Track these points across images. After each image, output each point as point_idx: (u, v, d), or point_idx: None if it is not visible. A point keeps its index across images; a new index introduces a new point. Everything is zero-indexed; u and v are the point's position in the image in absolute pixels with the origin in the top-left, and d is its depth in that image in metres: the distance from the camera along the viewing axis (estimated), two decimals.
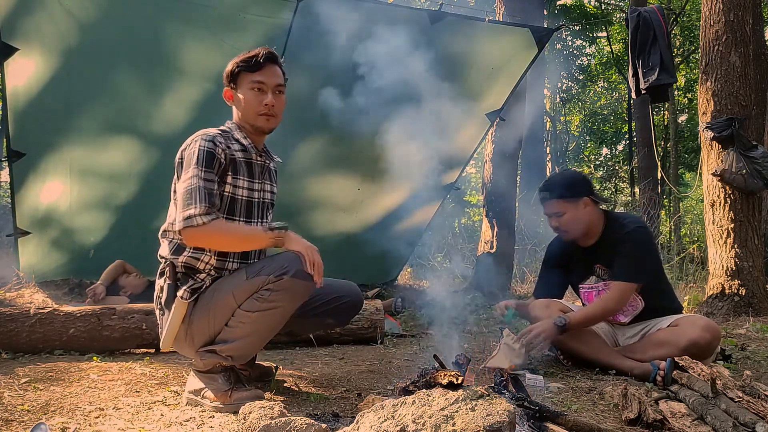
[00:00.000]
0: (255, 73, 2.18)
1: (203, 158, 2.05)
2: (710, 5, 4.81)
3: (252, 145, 2.22)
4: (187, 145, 2.13)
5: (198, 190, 2.01)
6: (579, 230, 2.88)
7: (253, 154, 2.22)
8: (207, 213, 1.99)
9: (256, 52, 2.20)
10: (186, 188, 2.03)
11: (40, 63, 3.80)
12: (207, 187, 2.03)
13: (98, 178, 4.58)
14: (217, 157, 2.08)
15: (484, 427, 1.45)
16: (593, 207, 2.87)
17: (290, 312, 2.09)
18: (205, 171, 2.04)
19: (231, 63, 2.22)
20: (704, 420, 1.91)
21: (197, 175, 2.03)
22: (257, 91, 2.18)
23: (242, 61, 2.19)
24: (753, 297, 4.56)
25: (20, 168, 4.30)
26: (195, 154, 2.06)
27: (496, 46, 4.59)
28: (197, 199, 2.00)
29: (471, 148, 5.51)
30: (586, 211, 2.85)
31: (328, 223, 5.62)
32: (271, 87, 2.19)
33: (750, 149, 4.58)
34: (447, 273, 8.14)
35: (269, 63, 2.20)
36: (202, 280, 2.11)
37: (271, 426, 1.61)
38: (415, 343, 3.63)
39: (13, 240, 4.72)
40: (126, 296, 4.22)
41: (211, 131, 2.15)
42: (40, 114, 4.07)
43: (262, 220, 2.25)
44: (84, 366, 2.71)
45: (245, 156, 2.20)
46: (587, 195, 2.85)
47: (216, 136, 2.13)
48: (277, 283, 2.00)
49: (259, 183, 2.24)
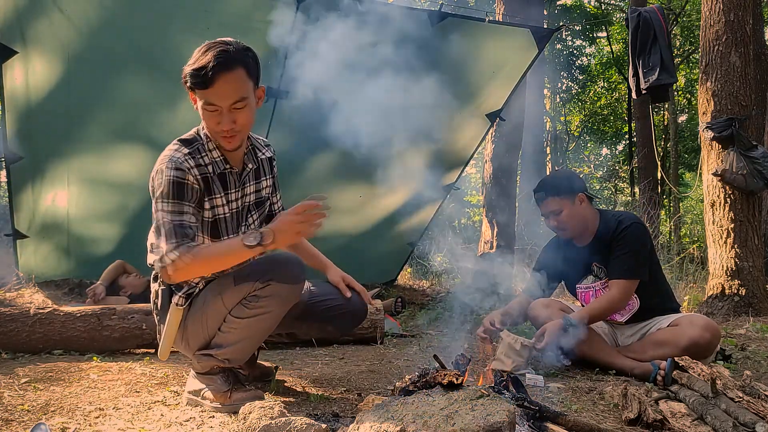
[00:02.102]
0: (205, 91, 1.85)
1: (170, 190, 1.89)
2: (710, 5, 4.81)
3: (222, 158, 2.02)
4: (155, 171, 1.95)
5: (164, 227, 1.88)
6: (577, 227, 2.89)
7: (223, 166, 2.03)
8: (175, 248, 1.85)
9: (204, 61, 1.82)
10: (155, 226, 1.93)
11: (40, 68, 3.79)
12: (174, 220, 1.88)
13: (100, 185, 4.57)
14: (188, 185, 1.92)
15: (484, 427, 1.45)
16: (588, 203, 2.90)
17: (280, 316, 2.07)
18: (172, 203, 1.90)
19: (185, 66, 1.89)
20: (704, 420, 1.91)
21: (163, 210, 1.90)
22: (211, 112, 1.90)
23: (190, 73, 1.85)
24: (753, 297, 4.56)
25: (20, 172, 4.28)
26: (162, 186, 1.90)
27: (496, 46, 4.59)
28: (164, 237, 1.87)
29: (471, 148, 5.51)
30: (582, 207, 2.87)
31: (332, 225, 5.64)
32: (225, 107, 1.88)
33: (750, 149, 4.59)
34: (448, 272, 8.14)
35: (221, 74, 1.82)
36: (196, 284, 2.08)
37: (271, 426, 1.61)
38: (415, 344, 3.63)
39: (12, 240, 4.72)
40: (126, 296, 4.22)
41: (178, 153, 1.94)
42: (40, 119, 4.05)
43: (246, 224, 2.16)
44: (84, 366, 2.71)
45: (215, 169, 2.01)
46: (582, 191, 2.88)
47: (184, 160, 1.92)
48: (264, 290, 1.97)
49: (235, 192, 2.08)
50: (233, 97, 1.88)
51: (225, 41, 1.90)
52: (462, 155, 5.53)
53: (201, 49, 1.88)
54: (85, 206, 4.63)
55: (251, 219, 2.19)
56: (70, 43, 3.72)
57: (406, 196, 5.58)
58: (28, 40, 3.65)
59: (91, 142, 4.29)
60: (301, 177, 5.06)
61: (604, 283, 2.86)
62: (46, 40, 3.68)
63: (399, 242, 6.13)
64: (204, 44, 1.91)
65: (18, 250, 4.77)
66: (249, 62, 1.91)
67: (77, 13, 3.62)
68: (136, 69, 3.99)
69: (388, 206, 5.63)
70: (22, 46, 3.65)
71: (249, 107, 1.93)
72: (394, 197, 5.56)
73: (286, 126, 4.54)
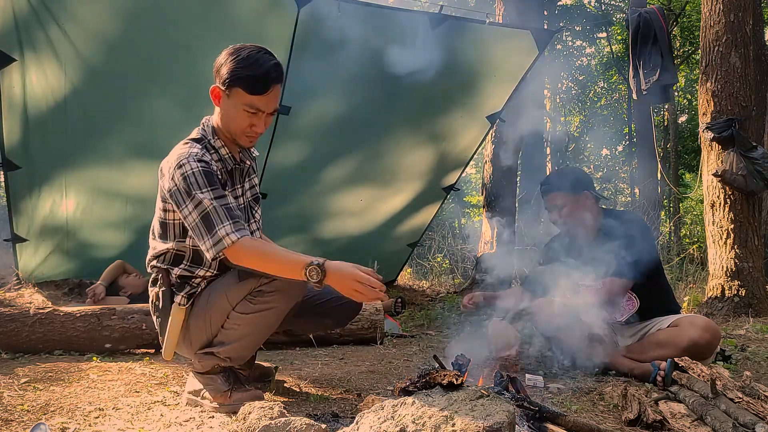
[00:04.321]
0: (256, 96, 1.96)
1: (203, 180, 1.92)
2: (710, 6, 4.81)
3: (230, 155, 2.10)
4: (175, 167, 1.95)
5: (212, 213, 1.88)
6: (580, 224, 2.91)
7: (231, 162, 2.11)
8: (235, 230, 1.87)
9: (264, 70, 1.93)
10: (201, 215, 1.89)
11: (37, 78, 3.78)
12: (222, 204, 1.90)
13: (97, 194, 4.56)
14: (215, 173, 1.98)
15: (483, 427, 1.45)
16: (593, 202, 2.93)
17: (284, 312, 2.07)
18: (211, 190, 1.91)
19: (229, 62, 1.95)
20: (704, 421, 1.91)
21: (207, 198, 1.89)
22: (250, 114, 1.99)
23: (246, 77, 1.93)
24: (753, 298, 4.56)
25: (18, 178, 4.26)
26: (193, 177, 1.91)
27: (496, 48, 4.59)
28: (216, 222, 1.87)
29: (471, 150, 5.51)
30: (586, 205, 2.90)
31: (336, 227, 5.67)
32: (266, 113, 2.02)
33: (750, 150, 4.58)
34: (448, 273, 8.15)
35: (276, 84, 1.98)
36: (198, 284, 2.09)
37: (270, 426, 1.61)
38: (415, 344, 3.63)
39: (11, 243, 4.72)
40: (126, 296, 4.22)
41: (194, 149, 1.99)
42: (38, 128, 4.03)
43: (248, 223, 2.19)
44: (84, 366, 2.71)
45: (225, 166, 2.10)
46: (588, 189, 2.91)
47: (202, 154, 1.99)
48: (269, 285, 1.98)
49: (240, 187, 2.17)
50: (275, 105, 2.03)
51: (268, 50, 2.00)
52: (462, 157, 5.53)
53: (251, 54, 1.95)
54: (83, 215, 4.63)
55: (257, 214, 2.27)
56: (68, 57, 3.71)
57: (407, 199, 5.60)
58: (26, 50, 3.64)
59: (89, 152, 4.29)
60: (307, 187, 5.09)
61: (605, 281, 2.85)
62: (43, 52, 3.67)
63: (399, 243, 6.14)
64: (244, 47, 1.97)
65: (18, 252, 4.77)
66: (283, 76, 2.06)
67: (75, 30, 3.61)
68: (136, 83, 3.99)
69: (388, 209, 5.65)
70: (20, 55, 3.64)
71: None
72: (395, 200, 5.58)
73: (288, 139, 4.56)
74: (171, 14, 3.73)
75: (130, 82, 3.97)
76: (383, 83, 4.46)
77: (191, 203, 1.91)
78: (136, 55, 3.84)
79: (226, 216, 1.89)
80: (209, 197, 1.90)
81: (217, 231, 1.88)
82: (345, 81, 4.38)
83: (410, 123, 4.97)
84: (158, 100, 4.12)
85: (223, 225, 1.88)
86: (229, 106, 2.00)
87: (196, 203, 1.90)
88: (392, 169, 5.28)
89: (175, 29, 3.80)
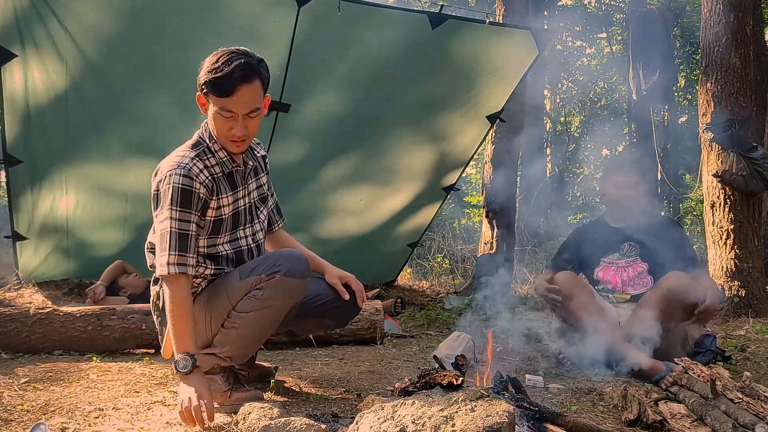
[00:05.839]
0: (224, 99, 1.93)
1: (178, 198, 1.94)
2: (711, 6, 4.81)
3: (228, 158, 2.09)
4: (162, 175, 1.99)
5: (168, 235, 1.93)
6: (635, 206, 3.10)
7: (229, 165, 2.10)
8: (178, 263, 1.93)
9: (228, 71, 1.88)
10: (161, 232, 1.96)
11: (38, 74, 3.77)
12: (180, 229, 1.94)
13: (98, 191, 4.56)
14: (195, 192, 1.96)
15: (483, 427, 1.45)
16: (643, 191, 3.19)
17: (284, 311, 2.07)
18: (179, 211, 1.94)
19: (203, 68, 1.95)
20: (704, 421, 1.92)
21: (170, 217, 1.94)
22: (226, 118, 1.96)
23: (211, 81, 1.91)
24: (753, 298, 4.56)
25: (19, 175, 4.26)
26: (169, 192, 1.94)
27: (496, 47, 4.58)
28: (168, 245, 1.93)
29: (471, 150, 5.50)
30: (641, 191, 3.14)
31: (335, 227, 5.66)
32: (241, 115, 1.96)
33: (750, 150, 4.59)
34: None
35: (243, 84, 1.91)
36: (198, 284, 2.10)
37: (270, 426, 1.61)
38: (415, 344, 3.63)
39: (12, 242, 4.71)
40: (126, 296, 4.22)
41: (186, 158, 2.00)
42: (39, 124, 4.03)
43: (251, 224, 2.20)
44: (84, 366, 2.71)
45: (224, 169, 2.09)
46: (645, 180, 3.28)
47: (192, 165, 1.98)
48: (269, 282, 1.99)
49: (243, 189, 2.15)
50: (250, 106, 1.97)
51: (244, 51, 1.96)
52: (462, 157, 5.53)
53: (220, 58, 1.93)
54: (83, 212, 4.63)
55: (262, 215, 2.28)
56: (68, 53, 3.70)
57: (407, 199, 5.59)
58: (27, 46, 3.64)
59: (89, 148, 4.28)
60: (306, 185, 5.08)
61: (629, 262, 3.03)
62: (44, 48, 3.66)
63: (399, 243, 6.13)
64: (220, 51, 1.96)
65: (18, 251, 4.77)
66: (264, 74, 2.00)
67: (77, 28, 3.61)
68: (136, 80, 3.98)
69: (388, 209, 5.64)
70: (21, 50, 3.64)
71: (259, 116, 2.03)
72: (395, 200, 5.57)
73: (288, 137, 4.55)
74: (171, 12, 3.73)
75: (130, 79, 3.97)
76: (383, 82, 4.45)
77: (162, 214, 1.97)
78: (136, 52, 3.84)
79: (175, 246, 1.93)
80: (175, 218, 1.94)
81: (167, 254, 1.93)
82: (345, 80, 4.38)
83: (410, 122, 4.96)
84: (158, 97, 4.12)
85: (170, 253, 1.93)
86: (210, 113, 2.01)
87: (164, 218, 1.96)
88: (392, 168, 5.27)
89: (176, 27, 3.80)
